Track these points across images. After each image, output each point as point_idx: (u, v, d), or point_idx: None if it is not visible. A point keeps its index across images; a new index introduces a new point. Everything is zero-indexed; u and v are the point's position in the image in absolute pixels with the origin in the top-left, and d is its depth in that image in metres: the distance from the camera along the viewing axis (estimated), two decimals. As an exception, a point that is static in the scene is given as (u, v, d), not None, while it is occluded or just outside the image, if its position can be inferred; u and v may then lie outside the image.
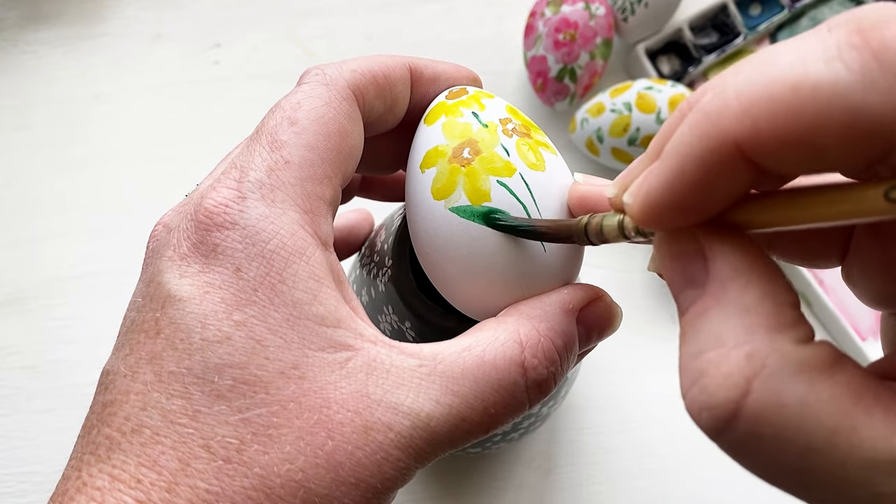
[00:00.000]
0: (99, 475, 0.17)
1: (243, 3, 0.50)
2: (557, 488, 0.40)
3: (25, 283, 0.44)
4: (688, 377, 0.14)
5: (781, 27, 0.48)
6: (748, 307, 0.14)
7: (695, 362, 0.14)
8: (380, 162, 0.26)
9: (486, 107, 0.22)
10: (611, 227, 0.18)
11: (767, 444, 0.13)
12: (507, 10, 0.50)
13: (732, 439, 0.13)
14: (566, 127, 0.47)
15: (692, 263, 0.15)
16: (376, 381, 0.18)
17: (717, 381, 0.13)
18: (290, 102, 0.20)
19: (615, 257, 0.44)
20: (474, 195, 0.21)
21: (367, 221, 0.33)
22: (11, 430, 0.41)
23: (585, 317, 0.21)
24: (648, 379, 0.42)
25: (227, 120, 0.47)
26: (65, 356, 0.42)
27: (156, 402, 0.17)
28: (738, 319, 0.14)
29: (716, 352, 0.14)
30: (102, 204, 0.46)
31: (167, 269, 0.19)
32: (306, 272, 0.19)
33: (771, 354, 0.13)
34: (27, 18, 0.50)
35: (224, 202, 0.19)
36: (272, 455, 0.17)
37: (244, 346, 0.17)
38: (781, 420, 0.13)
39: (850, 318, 0.41)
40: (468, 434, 0.19)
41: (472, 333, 0.20)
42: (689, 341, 0.14)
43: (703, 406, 0.14)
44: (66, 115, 0.48)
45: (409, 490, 0.39)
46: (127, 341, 0.19)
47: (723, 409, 0.13)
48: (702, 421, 0.14)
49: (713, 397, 0.13)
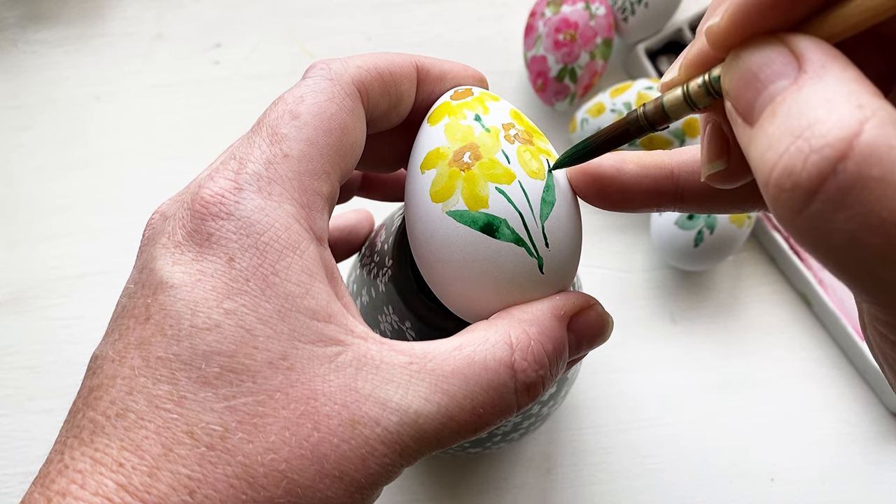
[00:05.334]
0: (81, 458, 0.17)
1: (243, 3, 0.51)
2: (557, 488, 0.40)
3: (25, 283, 0.44)
4: (787, 136, 0.14)
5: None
6: (852, 78, 0.14)
7: (798, 120, 0.14)
8: (382, 160, 0.26)
9: (490, 110, 0.22)
10: (675, 100, 0.18)
11: (872, 189, 0.13)
12: (507, 10, 0.50)
13: (836, 185, 0.13)
14: (566, 127, 0.47)
15: (779, 60, 0.15)
16: (365, 377, 0.18)
17: (828, 125, 0.13)
18: (293, 95, 0.20)
19: (615, 257, 0.44)
20: (472, 200, 0.21)
21: (367, 221, 0.33)
22: (12, 430, 0.41)
23: (576, 324, 0.21)
24: (648, 379, 0.42)
25: (227, 120, 0.47)
26: (65, 356, 0.42)
27: (142, 387, 0.17)
28: (846, 85, 0.14)
29: (825, 107, 0.14)
30: (103, 204, 0.46)
31: (160, 257, 0.19)
32: (299, 266, 0.19)
33: (879, 108, 0.13)
34: (28, 18, 0.50)
35: (220, 192, 0.19)
36: (256, 444, 0.17)
37: (233, 334, 0.17)
38: (891, 161, 0.13)
39: (850, 318, 0.41)
40: (455, 433, 0.19)
41: (464, 334, 0.20)
42: (785, 112, 0.14)
43: (812, 150, 0.13)
44: (67, 115, 0.48)
45: (410, 490, 0.39)
46: (117, 326, 0.19)
47: (833, 147, 0.13)
48: (806, 168, 0.13)
49: (824, 138, 0.13)
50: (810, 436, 0.41)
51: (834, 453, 0.41)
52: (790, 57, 0.15)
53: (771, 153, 0.14)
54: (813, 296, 0.42)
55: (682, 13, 0.47)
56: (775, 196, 0.14)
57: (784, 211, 0.14)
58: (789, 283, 0.44)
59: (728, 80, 0.16)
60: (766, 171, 0.14)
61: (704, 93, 0.17)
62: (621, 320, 0.43)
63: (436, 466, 0.40)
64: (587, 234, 0.45)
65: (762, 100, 0.15)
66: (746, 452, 0.40)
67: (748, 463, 0.40)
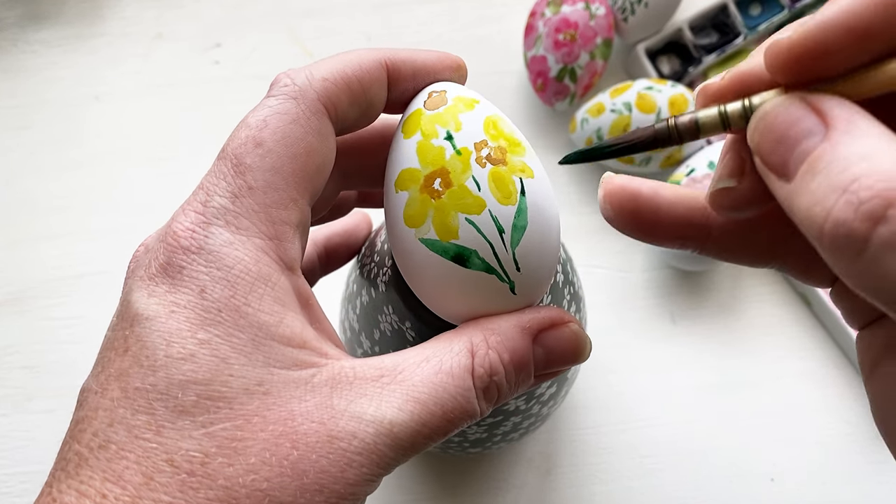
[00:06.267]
0: (67, 491, 0.17)
1: (243, 3, 0.50)
2: (557, 488, 0.40)
3: (25, 283, 0.44)
4: (834, 191, 0.15)
5: (781, 27, 0.48)
6: (880, 133, 0.15)
7: (841, 176, 0.15)
8: (375, 180, 0.26)
9: (463, 124, 0.21)
10: (710, 118, 0.18)
11: None
12: (507, 10, 0.50)
13: (889, 229, 0.14)
14: (566, 127, 0.47)
15: (806, 120, 0.16)
16: (340, 393, 0.19)
17: (873, 178, 0.14)
18: (256, 119, 0.20)
19: (615, 257, 0.44)
20: (443, 231, 0.21)
21: (365, 223, 0.33)
22: (12, 430, 0.41)
23: (546, 339, 0.22)
24: (648, 379, 0.42)
25: (227, 120, 0.47)
26: (65, 356, 0.42)
27: (121, 418, 0.17)
28: (876, 140, 0.15)
29: (865, 163, 0.14)
30: (102, 204, 0.46)
31: (137, 289, 0.19)
32: (271, 297, 0.19)
33: None
34: (27, 18, 0.50)
35: (190, 227, 0.19)
36: (237, 467, 0.17)
37: (208, 363, 0.18)
38: None
39: (850, 319, 0.41)
40: (428, 438, 0.19)
41: (432, 344, 0.21)
42: (825, 169, 0.15)
43: (861, 202, 0.14)
44: (66, 115, 0.48)
45: (410, 490, 0.39)
46: (100, 359, 0.19)
47: (882, 198, 0.14)
48: (858, 217, 0.14)
49: (871, 189, 0.14)
50: (810, 436, 0.41)
51: (834, 453, 0.41)
52: (814, 115, 0.16)
53: (819, 208, 0.15)
54: (813, 296, 0.42)
55: (682, 13, 0.47)
56: (832, 246, 0.15)
57: (841, 259, 0.15)
58: (789, 283, 0.44)
59: (756, 138, 0.17)
60: (818, 225, 0.15)
61: (742, 117, 0.18)
62: (621, 320, 0.43)
63: (436, 466, 0.40)
64: (587, 234, 0.45)
65: (796, 157, 0.16)
66: (746, 452, 0.40)
67: (748, 463, 0.40)
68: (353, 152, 0.25)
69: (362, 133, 0.25)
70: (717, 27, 0.47)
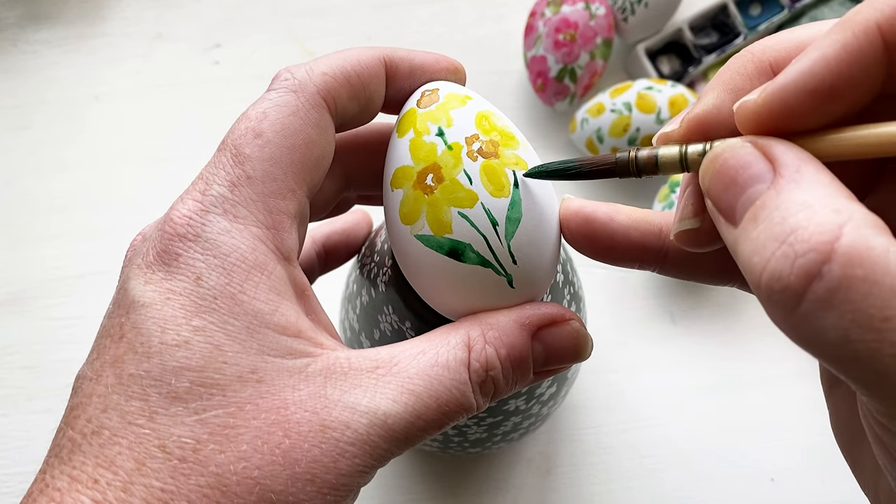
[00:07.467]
0: (60, 476, 0.17)
1: (243, 4, 0.51)
2: (557, 488, 0.40)
3: (25, 283, 0.44)
4: (772, 242, 0.15)
5: (781, 27, 0.48)
6: (826, 182, 0.15)
7: (780, 226, 0.15)
8: (378, 183, 0.25)
9: (454, 121, 0.22)
10: (670, 158, 0.18)
11: (857, 288, 0.13)
12: (507, 10, 0.50)
13: (824, 286, 0.14)
14: (566, 127, 0.47)
15: (756, 164, 0.16)
16: (334, 384, 0.19)
17: (809, 230, 0.14)
18: (256, 111, 0.20)
19: (615, 257, 0.44)
20: (436, 226, 0.21)
21: (365, 222, 0.33)
22: (12, 429, 0.41)
23: (546, 336, 0.22)
24: (648, 379, 0.42)
25: (227, 120, 0.47)
26: (65, 356, 0.42)
27: (115, 404, 0.17)
28: (820, 189, 0.15)
29: (804, 213, 0.14)
30: (102, 204, 0.46)
31: (134, 277, 0.19)
32: (267, 286, 0.19)
33: (854, 212, 0.14)
34: (27, 18, 0.50)
35: (188, 215, 0.19)
36: (228, 454, 0.17)
37: (202, 350, 0.18)
38: (871, 260, 0.13)
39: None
40: (423, 431, 0.19)
41: (429, 338, 0.21)
42: (767, 217, 0.15)
43: (797, 255, 0.14)
44: (67, 115, 0.48)
45: (410, 490, 0.39)
46: (96, 346, 0.19)
47: (818, 252, 0.14)
48: (794, 272, 0.14)
49: (808, 242, 0.14)
50: (810, 436, 0.41)
51: (834, 453, 0.40)
52: (765, 160, 0.16)
53: (758, 258, 0.15)
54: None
55: (682, 13, 0.47)
56: (767, 298, 0.15)
57: (776, 311, 0.15)
58: (789, 283, 0.44)
59: (707, 181, 0.17)
60: (756, 275, 0.15)
61: (701, 161, 0.18)
62: (621, 320, 0.43)
63: (436, 466, 0.40)
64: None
65: (742, 202, 0.16)
66: (746, 452, 0.40)
67: (748, 463, 0.40)
68: (356, 154, 0.25)
69: (365, 135, 0.26)
70: (717, 27, 0.47)
